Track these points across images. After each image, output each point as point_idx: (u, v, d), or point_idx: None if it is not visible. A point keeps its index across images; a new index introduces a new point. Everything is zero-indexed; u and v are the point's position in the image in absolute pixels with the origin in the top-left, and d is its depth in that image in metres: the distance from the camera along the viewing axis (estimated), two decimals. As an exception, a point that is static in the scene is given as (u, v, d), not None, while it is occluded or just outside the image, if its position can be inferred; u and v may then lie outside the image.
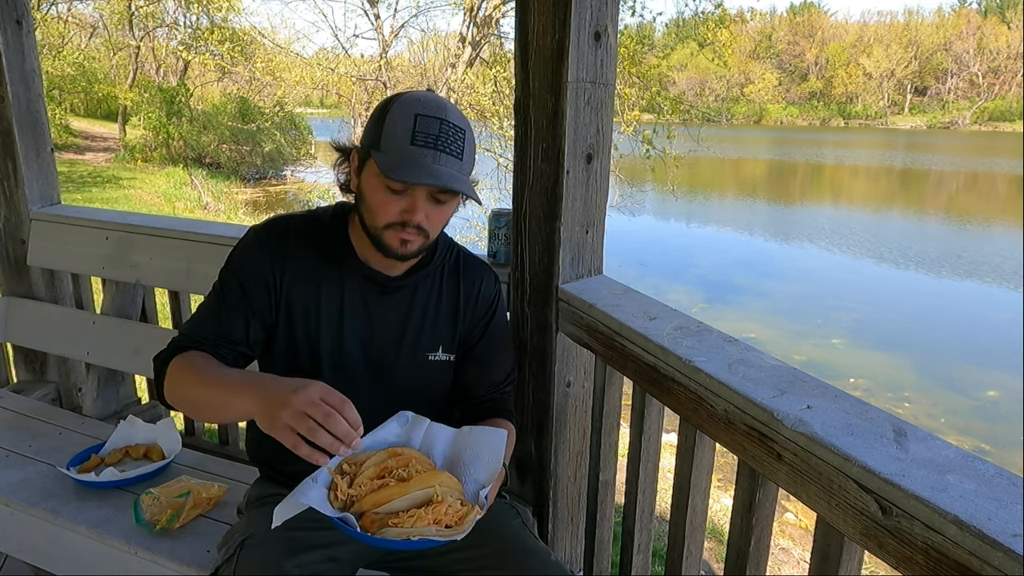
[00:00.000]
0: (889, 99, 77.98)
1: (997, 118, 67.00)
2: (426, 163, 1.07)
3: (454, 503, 1.01)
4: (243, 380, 1.05)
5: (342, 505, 1.01)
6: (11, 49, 2.22)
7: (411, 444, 1.12)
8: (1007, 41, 73.69)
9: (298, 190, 17.89)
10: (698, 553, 1.33)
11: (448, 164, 1.08)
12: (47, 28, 16.80)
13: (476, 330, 1.33)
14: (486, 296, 1.34)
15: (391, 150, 1.08)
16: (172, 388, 1.15)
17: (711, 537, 3.22)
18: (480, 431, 1.14)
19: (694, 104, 16.03)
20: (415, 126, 1.07)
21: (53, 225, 2.31)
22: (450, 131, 1.09)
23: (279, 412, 0.92)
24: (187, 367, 1.13)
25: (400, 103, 1.11)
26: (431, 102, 1.11)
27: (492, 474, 1.09)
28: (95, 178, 13.55)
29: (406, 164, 1.06)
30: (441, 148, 1.08)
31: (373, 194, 1.13)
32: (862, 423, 0.91)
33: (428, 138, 1.07)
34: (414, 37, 27.78)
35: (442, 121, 1.09)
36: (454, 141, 1.09)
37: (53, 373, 2.50)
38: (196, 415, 1.19)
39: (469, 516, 1.00)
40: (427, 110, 1.09)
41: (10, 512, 1.62)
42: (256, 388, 1.00)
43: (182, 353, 1.16)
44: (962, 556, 0.72)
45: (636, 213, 12.94)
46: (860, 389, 6.79)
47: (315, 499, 0.98)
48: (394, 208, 1.11)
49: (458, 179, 1.09)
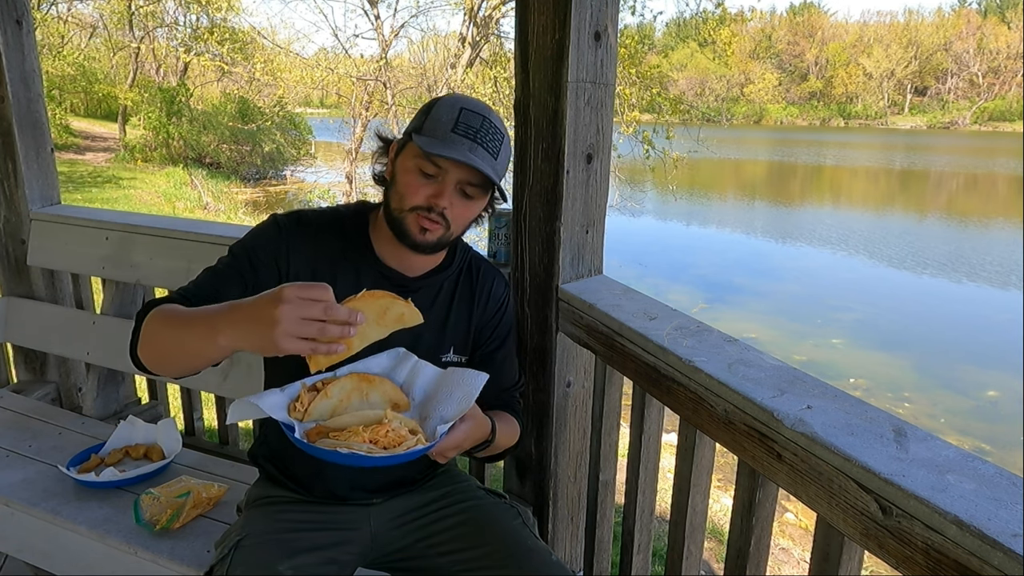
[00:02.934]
0: (889, 99, 77.99)
1: (997, 118, 66.99)
2: (463, 149, 1.11)
3: (398, 428, 1.01)
4: (211, 314, 0.98)
5: (300, 417, 1.02)
6: (11, 49, 2.22)
7: (393, 378, 1.13)
8: (1007, 41, 73.69)
9: (298, 190, 17.89)
10: (698, 553, 1.33)
11: (483, 157, 1.13)
12: (47, 28, 16.79)
13: (486, 331, 1.33)
14: (496, 298, 1.35)
15: (433, 134, 1.12)
16: (146, 338, 1.08)
17: (711, 537, 3.22)
18: (461, 372, 1.14)
19: (694, 104, 16.02)
20: (459, 117, 1.13)
21: (53, 225, 2.31)
22: (491, 130, 1.14)
23: (274, 331, 0.86)
24: (165, 313, 1.07)
25: (448, 98, 1.17)
26: (477, 103, 1.17)
27: (458, 412, 1.07)
28: (95, 178, 13.56)
29: (444, 145, 1.11)
30: (479, 141, 1.13)
31: (405, 176, 1.16)
32: (862, 423, 0.91)
33: (469, 129, 1.12)
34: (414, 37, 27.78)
35: (484, 118, 1.14)
36: (492, 139, 1.14)
37: (53, 373, 2.50)
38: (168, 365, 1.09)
39: (408, 443, 1.00)
40: (472, 107, 1.15)
41: (10, 512, 1.62)
42: (228, 319, 0.94)
43: (163, 305, 1.10)
44: (962, 556, 0.72)
45: (636, 213, 12.95)
46: (860, 389, 6.79)
47: (270, 404, 1.00)
48: (423, 191, 1.14)
49: (488, 172, 1.12)
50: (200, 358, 1.02)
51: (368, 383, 1.09)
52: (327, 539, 1.22)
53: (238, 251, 1.20)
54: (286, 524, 1.23)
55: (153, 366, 1.10)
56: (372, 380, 1.09)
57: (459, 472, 1.43)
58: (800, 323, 9.15)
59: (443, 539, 1.26)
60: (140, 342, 1.09)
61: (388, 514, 1.29)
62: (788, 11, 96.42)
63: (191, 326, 1.00)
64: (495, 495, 1.35)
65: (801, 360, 7.37)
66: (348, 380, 1.08)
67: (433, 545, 1.26)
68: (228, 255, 1.21)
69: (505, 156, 1.18)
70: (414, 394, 1.13)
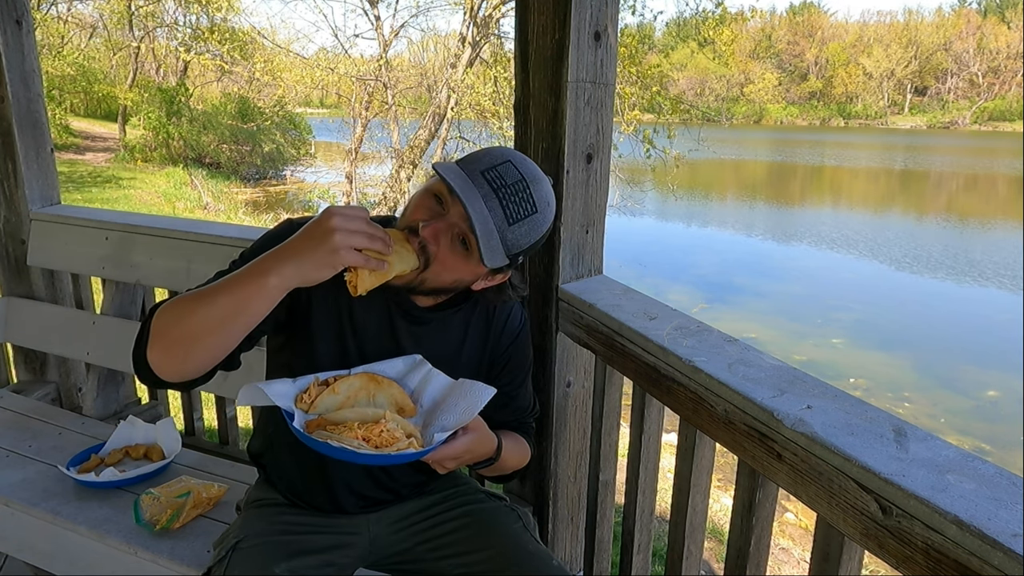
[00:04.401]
0: (889, 99, 77.98)
1: (997, 118, 66.97)
2: (474, 191, 0.99)
3: (393, 429, 1.01)
4: (252, 265, 0.96)
5: (305, 408, 1.03)
6: (11, 49, 2.22)
7: (405, 383, 1.13)
8: (1007, 41, 73.68)
9: (298, 190, 17.90)
10: (698, 553, 1.33)
11: (494, 212, 0.99)
12: (47, 28, 16.80)
13: (499, 362, 1.28)
14: (511, 331, 1.28)
15: (464, 166, 1.03)
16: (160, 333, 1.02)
17: (711, 537, 3.22)
18: (470, 384, 1.12)
19: (694, 104, 16.01)
20: (498, 164, 1.02)
21: (53, 225, 2.31)
22: (523, 194, 1.01)
23: (332, 240, 0.91)
24: (177, 301, 1.02)
25: (509, 149, 1.08)
26: (533, 167, 1.05)
27: (459, 422, 1.07)
28: (95, 178, 13.56)
29: (460, 178, 1.00)
30: (501, 196, 1.00)
31: (417, 192, 1.09)
32: (862, 423, 0.91)
33: (498, 179, 1.00)
34: (414, 37, 27.82)
35: (522, 181, 1.02)
36: (519, 204, 1.01)
37: (53, 373, 2.50)
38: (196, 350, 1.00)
39: (399, 445, 0.99)
40: (520, 165, 1.03)
41: (10, 512, 1.62)
42: (277, 258, 0.94)
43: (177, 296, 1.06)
44: (962, 556, 0.72)
45: (636, 214, 12.95)
46: (860, 389, 6.79)
47: (277, 392, 1.02)
48: (419, 211, 1.05)
49: (487, 227, 0.99)
50: (240, 319, 0.96)
51: (376, 384, 1.08)
52: (326, 542, 1.22)
53: (250, 257, 1.12)
54: (284, 526, 1.23)
55: (168, 361, 1.02)
56: (381, 382, 1.09)
57: (460, 475, 1.42)
58: (800, 323, 9.15)
59: (444, 542, 1.25)
60: (152, 339, 1.03)
61: (388, 518, 1.29)
62: (788, 11, 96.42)
63: (229, 284, 0.96)
64: (495, 497, 1.34)
65: (801, 360, 7.37)
66: (358, 379, 1.08)
67: (433, 549, 1.25)
68: (240, 259, 1.14)
69: (527, 232, 1.03)
70: (423, 401, 1.12)
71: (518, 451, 1.26)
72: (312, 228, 0.94)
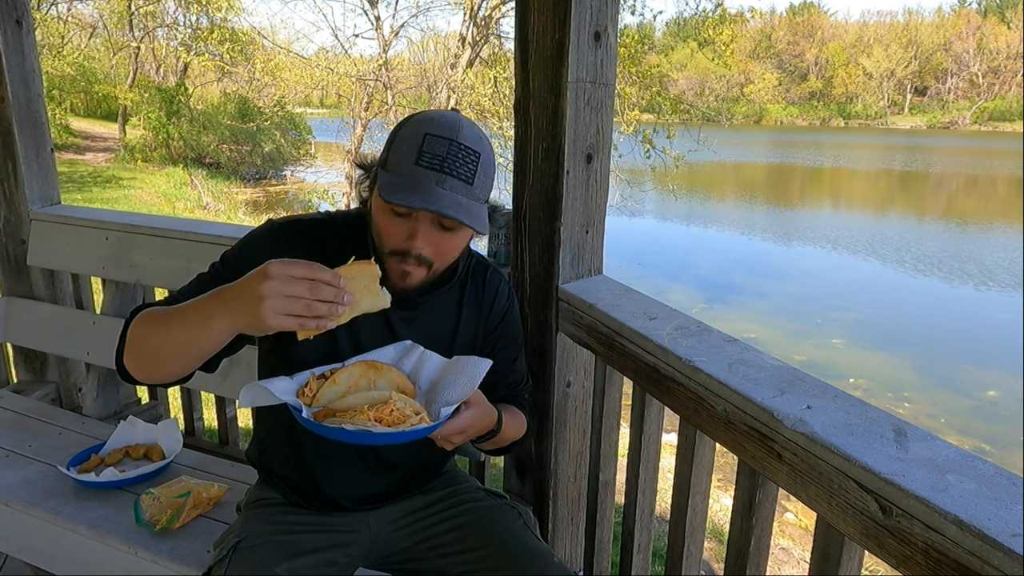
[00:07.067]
0: (889, 99, 77.96)
1: (997, 118, 66.96)
2: (428, 186, 0.99)
3: (403, 408, 1.02)
4: (199, 301, 0.97)
5: (308, 402, 1.03)
6: (11, 49, 2.22)
7: (400, 368, 1.13)
8: (1007, 41, 73.67)
9: (298, 190, 17.90)
10: (698, 553, 1.33)
11: (454, 188, 1.00)
12: (47, 28, 16.80)
13: (492, 337, 1.30)
14: (501, 305, 1.30)
15: (396, 170, 1.02)
16: (131, 346, 1.06)
17: (711, 537, 3.22)
18: (466, 359, 1.13)
19: (694, 104, 16.01)
20: (422, 145, 1.01)
21: (53, 225, 2.31)
22: (460, 153, 1.01)
23: (261, 307, 0.87)
24: (147, 317, 1.06)
25: (413, 121, 1.05)
26: (445, 121, 1.04)
27: (462, 396, 1.08)
28: (95, 178, 13.56)
29: (406, 186, 1.00)
30: (448, 171, 1.00)
31: (379, 215, 1.07)
32: (862, 423, 0.91)
33: (434, 159, 1.00)
34: (414, 37, 27.79)
35: (451, 142, 1.01)
36: (464, 164, 1.01)
37: (53, 373, 2.50)
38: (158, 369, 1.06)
39: (412, 421, 1.00)
40: (438, 130, 1.02)
41: (10, 512, 1.62)
42: (219, 301, 0.94)
43: (146, 310, 1.09)
44: (962, 556, 0.72)
45: (636, 214, 12.95)
46: (860, 389, 6.79)
47: (280, 388, 1.02)
48: (398, 233, 1.05)
49: (461, 205, 1.00)
50: (192, 351, 1.00)
51: (376, 371, 1.09)
52: (326, 541, 1.22)
53: (231, 261, 1.16)
54: (285, 526, 1.23)
55: (139, 372, 1.08)
56: (379, 368, 1.10)
57: (459, 473, 1.42)
58: (800, 323, 9.15)
59: (444, 541, 1.25)
60: (126, 349, 1.07)
61: (388, 516, 1.29)
62: (788, 11, 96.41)
63: (182, 317, 0.99)
64: (495, 496, 1.35)
65: (801, 360, 7.37)
66: (356, 368, 1.09)
67: (434, 547, 1.26)
68: (220, 263, 1.17)
69: (485, 175, 1.05)
70: (420, 383, 1.13)
71: (516, 423, 1.29)
72: (248, 285, 0.90)
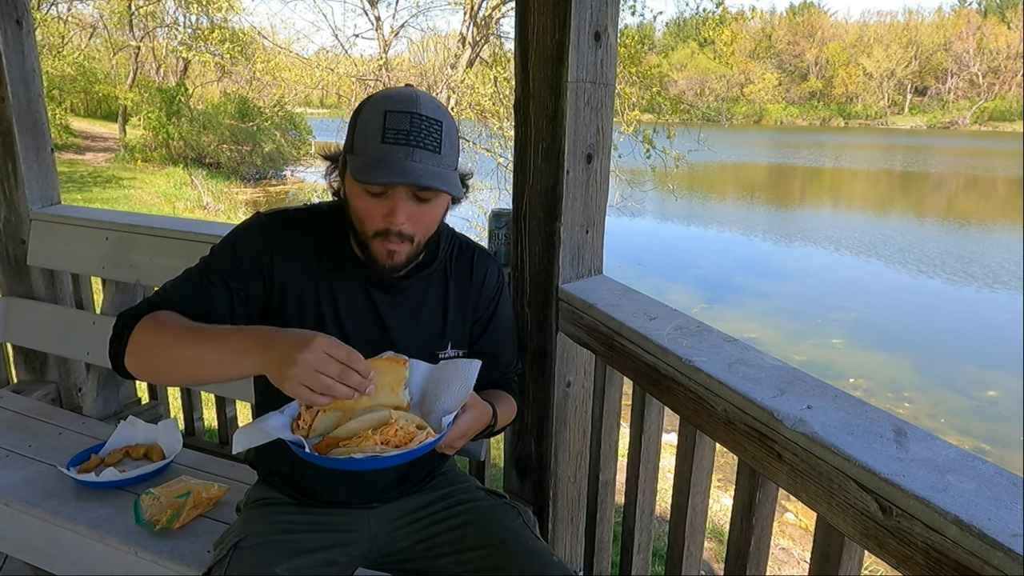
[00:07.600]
0: (889, 99, 77.97)
1: (997, 118, 66.99)
2: (398, 160, 1.02)
3: (406, 426, 1.01)
4: (242, 335, 1.00)
5: (304, 434, 1.02)
6: (11, 49, 2.22)
7: None
8: (1007, 41, 73.68)
9: (298, 190, 17.89)
10: (698, 553, 1.33)
11: (423, 159, 1.03)
12: (47, 28, 16.80)
13: (481, 322, 1.31)
14: (491, 284, 1.31)
15: (363, 151, 1.05)
16: (140, 347, 1.06)
17: (711, 537, 3.22)
18: (454, 363, 1.13)
19: (694, 104, 16.01)
20: (385, 123, 1.03)
21: (53, 225, 2.31)
22: (423, 124, 1.04)
23: (289, 371, 0.90)
24: (164, 323, 1.06)
25: (371, 102, 1.08)
26: (402, 97, 1.06)
27: (458, 402, 1.07)
28: (95, 178, 13.56)
29: (377, 164, 1.02)
30: (414, 143, 1.03)
31: (355, 200, 1.09)
32: (862, 423, 0.91)
33: (399, 134, 1.03)
34: (414, 37, 27.79)
35: (412, 115, 1.04)
36: (428, 134, 1.04)
37: (53, 373, 2.50)
38: (170, 377, 1.12)
39: (419, 437, 1.00)
40: (397, 105, 1.05)
41: (10, 512, 1.62)
42: (260, 344, 0.96)
43: (153, 312, 1.08)
44: (962, 556, 0.72)
45: (636, 214, 12.94)
46: (860, 389, 6.79)
47: (274, 425, 1.00)
48: (377, 213, 1.08)
49: (434, 174, 1.04)
50: (217, 375, 1.03)
51: None
52: (326, 541, 1.22)
53: (222, 256, 1.16)
54: (285, 525, 1.23)
55: (148, 375, 1.10)
56: None
57: (459, 472, 1.43)
58: (800, 323, 9.14)
59: (444, 540, 1.26)
60: (129, 350, 1.07)
61: (388, 516, 1.29)
62: (788, 11, 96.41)
63: (220, 343, 1.00)
64: (495, 495, 1.35)
65: (801, 360, 7.37)
66: None
67: (434, 547, 1.26)
68: (211, 257, 1.18)
69: (450, 141, 1.07)
70: (411, 392, 1.11)
71: (508, 410, 1.31)
72: (289, 345, 0.93)
